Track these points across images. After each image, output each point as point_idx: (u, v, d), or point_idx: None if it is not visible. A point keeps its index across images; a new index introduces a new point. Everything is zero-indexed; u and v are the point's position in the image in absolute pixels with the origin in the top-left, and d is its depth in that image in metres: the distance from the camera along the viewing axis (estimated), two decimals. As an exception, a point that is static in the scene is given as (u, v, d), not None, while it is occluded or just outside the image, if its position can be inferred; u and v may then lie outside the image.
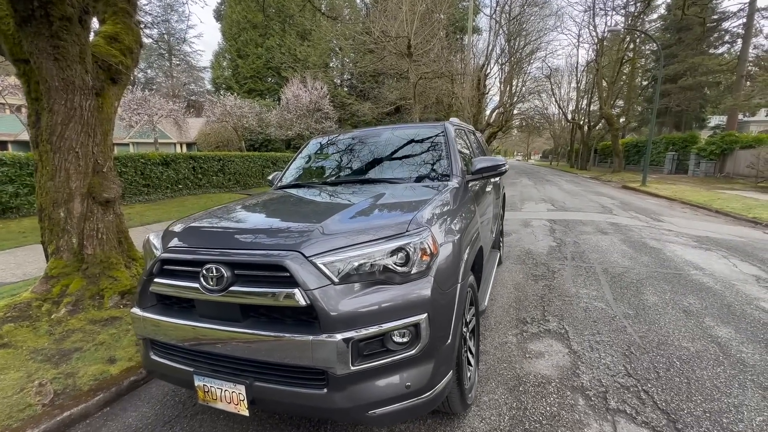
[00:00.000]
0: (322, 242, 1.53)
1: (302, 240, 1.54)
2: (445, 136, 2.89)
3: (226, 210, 2.19)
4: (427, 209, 1.80)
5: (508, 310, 3.39)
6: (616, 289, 3.79)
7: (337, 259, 1.47)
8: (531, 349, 2.68)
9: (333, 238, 1.55)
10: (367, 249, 1.50)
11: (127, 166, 9.99)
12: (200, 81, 49.09)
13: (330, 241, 1.53)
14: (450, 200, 2.13)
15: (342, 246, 1.51)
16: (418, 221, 1.65)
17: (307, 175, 3.09)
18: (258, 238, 1.66)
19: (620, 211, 9.03)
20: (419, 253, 1.54)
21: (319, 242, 1.53)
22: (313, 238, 1.55)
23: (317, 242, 1.53)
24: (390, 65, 18.34)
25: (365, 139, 3.16)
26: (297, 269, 1.43)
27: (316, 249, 1.50)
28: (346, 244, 1.52)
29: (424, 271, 1.55)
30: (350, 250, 1.50)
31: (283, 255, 1.48)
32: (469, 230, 2.14)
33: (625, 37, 25.29)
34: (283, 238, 1.61)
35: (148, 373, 2.34)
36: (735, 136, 18.82)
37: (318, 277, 1.44)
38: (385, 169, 2.78)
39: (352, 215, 1.78)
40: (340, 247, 1.51)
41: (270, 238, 1.63)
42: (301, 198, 2.44)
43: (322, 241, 1.53)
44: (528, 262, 4.83)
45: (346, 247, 1.51)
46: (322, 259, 1.47)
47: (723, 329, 2.90)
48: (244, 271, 1.54)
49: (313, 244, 1.51)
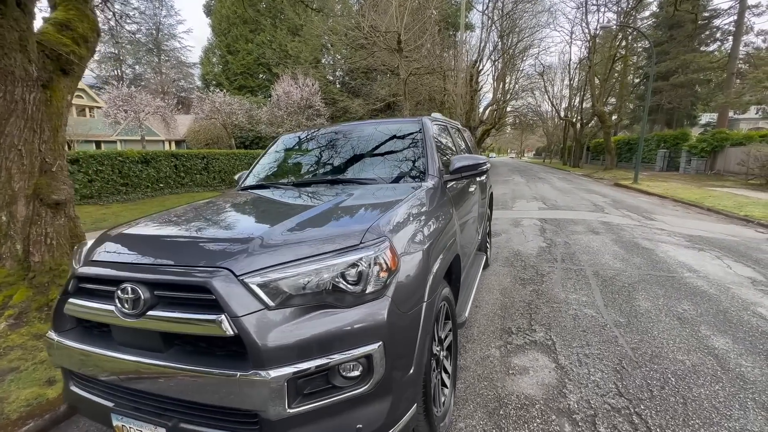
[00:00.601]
0: (258, 257, 1.28)
1: (234, 254, 1.29)
2: (422, 132, 2.65)
3: (168, 215, 1.93)
4: (391, 215, 1.56)
5: (493, 318, 3.17)
6: (607, 294, 3.59)
7: (275, 278, 1.23)
8: (515, 364, 2.47)
9: (273, 251, 1.31)
10: (312, 265, 1.26)
11: (104, 165, 9.61)
12: (190, 77, 48.24)
13: (268, 256, 1.29)
14: (422, 203, 1.90)
15: (282, 262, 1.27)
16: (378, 230, 1.42)
17: (273, 174, 2.83)
18: (186, 251, 1.40)
19: (612, 210, 8.89)
20: (375, 268, 1.30)
21: (255, 257, 1.28)
22: (248, 252, 1.30)
23: (252, 257, 1.28)
24: (381, 61, 18.05)
25: (337, 135, 2.91)
26: (223, 291, 1.18)
27: (248, 265, 1.25)
28: (286, 260, 1.27)
29: (380, 290, 1.31)
30: (291, 266, 1.25)
31: (209, 273, 1.23)
32: (442, 237, 1.90)
33: (617, 34, 25.24)
34: (213, 251, 1.36)
35: (69, 407, 2.04)
36: (726, 134, 18.86)
37: (249, 300, 1.19)
38: (355, 168, 2.53)
39: (301, 222, 1.53)
40: (278, 264, 1.26)
41: (199, 252, 1.38)
42: (257, 201, 2.18)
43: (259, 255, 1.29)
44: (516, 265, 4.62)
45: (287, 264, 1.26)
46: (255, 278, 1.23)
47: (720, 339, 2.71)
48: (165, 293, 1.29)
49: (246, 260, 1.27)
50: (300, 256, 1.28)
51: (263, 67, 36.01)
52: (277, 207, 2.04)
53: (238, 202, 2.16)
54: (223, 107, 23.47)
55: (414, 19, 15.66)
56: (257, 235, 1.39)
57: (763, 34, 22.51)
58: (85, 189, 9.31)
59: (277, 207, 2.04)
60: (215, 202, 2.16)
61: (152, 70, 44.83)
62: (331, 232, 1.43)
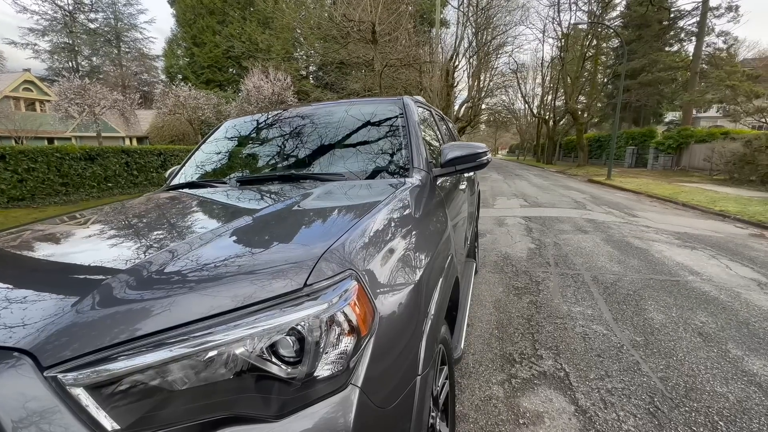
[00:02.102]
0: (93, 326, 0.65)
1: (46, 320, 0.66)
2: (404, 115, 2.07)
3: (26, 236, 1.24)
4: (362, 228, 0.97)
5: (490, 341, 2.65)
6: (613, 305, 3.16)
7: (127, 367, 0.61)
8: (525, 409, 1.94)
9: (129, 311, 0.68)
10: (205, 339, 0.65)
11: (38, 162, 8.38)
12: (153, 70, 45.51)
13: (117, 322, 0.66)
14: (407, 207, 1.32)
15: (142, 335, 0.65)
16: (339, 257, 0.82)
17: (211, 170, 2.17)
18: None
19: (593, 206, 8.69)
20: (333, 333, 0.71)
21: (84, 326, 0.65)
22: (76, 315, 0.67)
23: (81, 325, 0.65)
24: (355, 55, 17.35)
25: (297, 121, 2.28)
26: (11, 406, 0.56)
27: (68, 346, 0.62)
28: (153, 329, 0.65)
29: (340, 373, 0.72)
30: (162, 345, 0.64)
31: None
32: (438, 257, 1.33)
33: (588, 34, 25.70)
34: (9, 314, 0.70)
35: None
36: (691, 131, 19.51)
37: (64, 425, 0.57)
38: (319, 160, 1.92)
39: (202, 248, 0.89)
40: (135, 338, 0.64)
41: (4, 318, 0.72)
42: (164, 209, 1.50)
43: (96, 321, 0.66)
44: (507, 270, 4.15)
45: (153, 337, 0.65)
46: (83, 372, 0.60)
47: (755, 361, 2.30)
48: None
49: (68, 332, 0.64)
50: (186, 318, 0.67)
51: (232, 61, 34.36)
52: (189, 219, 1.37)
53: (133, 213, 1.46)
54: (189, 102, 22.00)
55: (388, 12, 15.10)
56: (114, 276, 0.76)
57: (723, 35, 23.52)
58: (14, 190, 8.07)
59: (188, 219, 1.37)
60: (102, 209, 1.48)
61: (111, 63, 41.90)
62: (254, 262, 0.81)
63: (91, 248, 1.02)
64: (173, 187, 2.06)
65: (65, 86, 21.41)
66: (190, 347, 0.63)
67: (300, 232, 0.99)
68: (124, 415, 0.60)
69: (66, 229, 1.32)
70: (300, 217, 1.12)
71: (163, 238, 1.04)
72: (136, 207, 1.56)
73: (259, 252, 0.85)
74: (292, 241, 0.93)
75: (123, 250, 0.98)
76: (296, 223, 1.06)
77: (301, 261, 0.78)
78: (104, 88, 22.74)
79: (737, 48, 24.69)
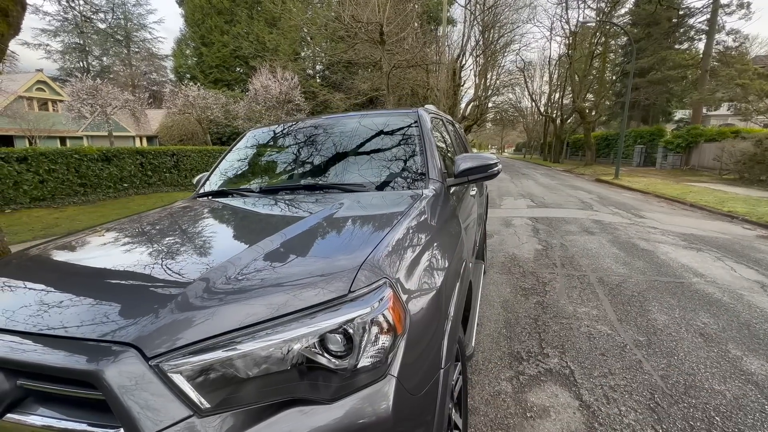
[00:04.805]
0: (188, 323, 0.81)
1: (144, 320, 0.82)
2: (418, 126, 2.21)
3: (79, 241, 1.40)
4: (390, 239, 1.11)
5: (498, 339, 2.78)
6: (617, 306, 3.27)
7: (211, 359, 0.77)
8: (532, 403, 2.08)
9: (213, 311, 0.84)
10: (276, 335, 0.80)
11: (58, 163, 8.67)
12: (162, 70, 46.04)
13: (204, 320, 0.82)
14: (427, 217, 1.46)
15: (226, 330, 0.80)
16: (376, 267, 0.97)
17: (238, 178, 2.33)
18: (75, 314, 0.89)
19: (600, 207, 8.74)
20: (374, 331, 0.86)
21: (181, 323, 0.81)
22: (169, 315, 0.82)
23: (176, 324, 0.81)
24: (362, 55, 17.47)
25: (317, 130, 2.42)
26: (120, 388, 0.71)
27: (166, 341, 0.78)
28: (230, 327, 0.80)
29: (379, 364, 0.86)
30: (242, 337, 0.79)
31: (99, 355, 0.75)
32: (454, 264, 1.47)
33: (596, 32, 25.51)
34: (112, 313, 0.87)
35: None
36: (700, 130, 19.32)
37: (166, 401, 0.73)
38: (339, 170, 2.06)
39: (265, 255, 1.05)
40: (221, 334, 0.79)
41: (91, 314, 0.88)
42: (209, 217, 1.67)
43: (189, 319, 0.81)
44: (514, 271, 4.27)
45: (231, 334, 0.80)
46: (179, 360, 0.76)
47: (754, 361, 2.41)
48: (37, 384, 0.80)
49: (165, 329, 0.79)
50: (256, 318, 0.82)
51: (240, 60, 34.63)
52: (235, 228, 1.53)
53: (179, 220, 1.62)
54: (198, 101, 22.29)
55: (396, 12, 15.17)
56: (192, 285, 0.91)
57: (734, 33, 23.20)
58: (35, 191, 8.38)
59: (234, 228, 1.53)
60: (145, 221, 1.62)
61: (121, 62, 42.46)
62: (306, 270, 0.97)
63: (166, 256, 1.16)
64: (202, 194, 2.22)
65: (78, 87, 21.84)
66: (261, 342, 0.78)
67: (340, 243, 1.15)
68: (212, 396, 0.76)
69: (132, 235, 1.46)
70: (337, 228, 1.27)
71: (227, 247, 1.20)
72: (179, 212, 1.72)
73: (309, 262, 1.02)
74: (334, 252, 1.08)
75: (194, 257, 1.14)
76: (335, 235, 1.22)
77: (345, 270, 0.93)
78: (115, 89, 23.16)
79: (749, 45, 24.38)
